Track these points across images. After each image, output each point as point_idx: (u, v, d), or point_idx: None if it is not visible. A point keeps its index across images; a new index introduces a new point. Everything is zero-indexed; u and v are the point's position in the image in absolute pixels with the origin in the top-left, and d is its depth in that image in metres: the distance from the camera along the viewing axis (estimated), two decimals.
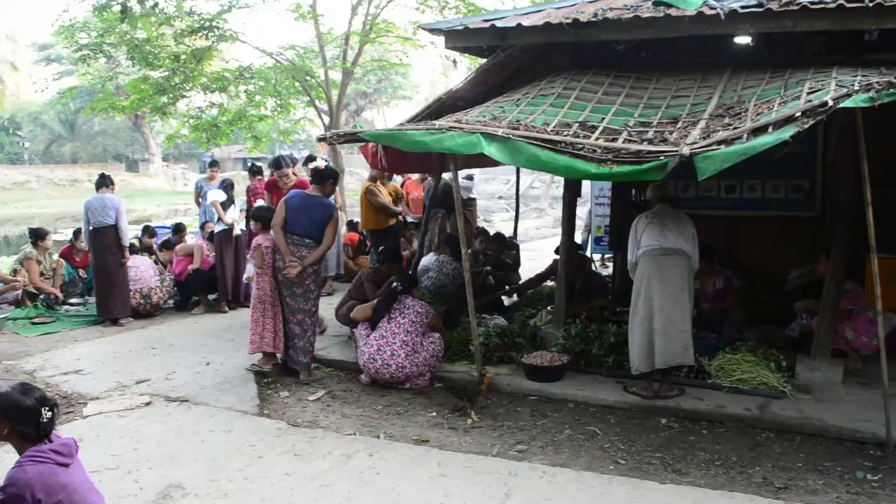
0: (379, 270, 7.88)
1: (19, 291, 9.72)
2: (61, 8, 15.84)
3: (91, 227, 8.99)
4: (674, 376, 6.07)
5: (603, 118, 5.96)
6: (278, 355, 6.96)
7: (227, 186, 10.11)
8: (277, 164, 9.41)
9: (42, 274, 9.92)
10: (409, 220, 10.74)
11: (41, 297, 9.77)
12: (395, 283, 6.66)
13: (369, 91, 48.76)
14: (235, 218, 9.63)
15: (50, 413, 3.33)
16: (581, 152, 5.24)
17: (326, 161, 10.45)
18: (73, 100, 29.24)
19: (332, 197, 7.64)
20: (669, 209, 6.07)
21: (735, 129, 4.98)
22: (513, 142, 5.41)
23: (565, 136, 5.52)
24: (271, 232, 6.81)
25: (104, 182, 9.27)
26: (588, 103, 6.30)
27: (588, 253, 10.92)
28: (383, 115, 54.14)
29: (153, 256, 10.49)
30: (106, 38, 14.78)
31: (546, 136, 5.45)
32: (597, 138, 5.46)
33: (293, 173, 9.48)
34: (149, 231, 11.51)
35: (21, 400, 3.28)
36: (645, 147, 5.17)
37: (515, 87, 7.07)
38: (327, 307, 8.32)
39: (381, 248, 8.54)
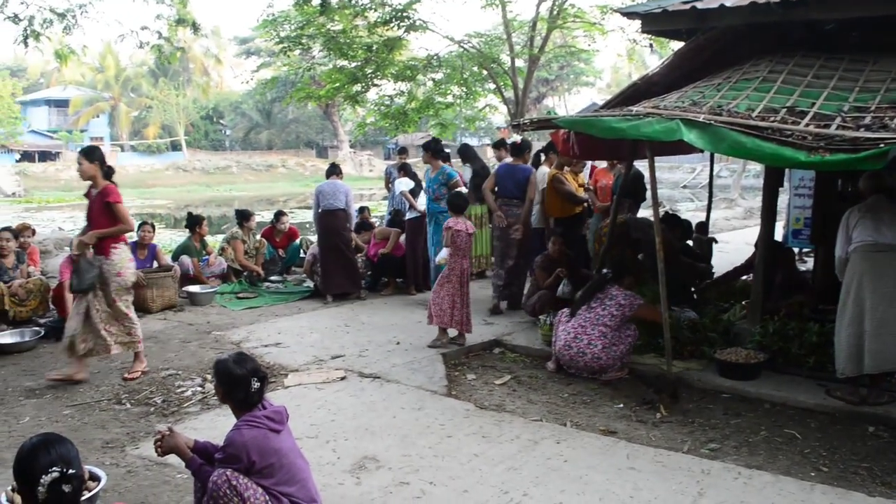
0: (547, 256, 7.87)
1: (225, 266, 10.46)
2: (266, 3, 16.82)
3: (321, 210, 9.53)
4: (885, 382, 5.63)
5: (813, 103, 5.59)
6: (467, 334, 7.31)
7: (409, 173, 10.39)
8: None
9: (246, 252, 10.64)
10: None
11: (245, 274, 10.48)
12: (605, 271, 6.56)
13: (551, 78, 48.51)
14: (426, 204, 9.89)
15: (258, 384, 3.56)
16: (789, 139, 4.96)
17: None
18: (270, 90, 31.14)
19: None
20: (886, 201, 5.59)
21: None
22: (714, 128, 5.19)
23: (772, 121, 5.25)
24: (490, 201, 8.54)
25: (334, 170, 9.98)
26: (796, 87, 5.93)
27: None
28: (564, 101, 53.69)
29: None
30: (305, 31, 15.56)
31: (751, 122, 5.20)
32: (807, 124, 5.15)
33: None
34: None
35: (233, 369, 3.55)
36: (862, 134, 4.83)
37: (714, 72, 6.78)
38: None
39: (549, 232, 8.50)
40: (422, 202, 9.85)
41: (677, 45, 8.04)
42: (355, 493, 4.27)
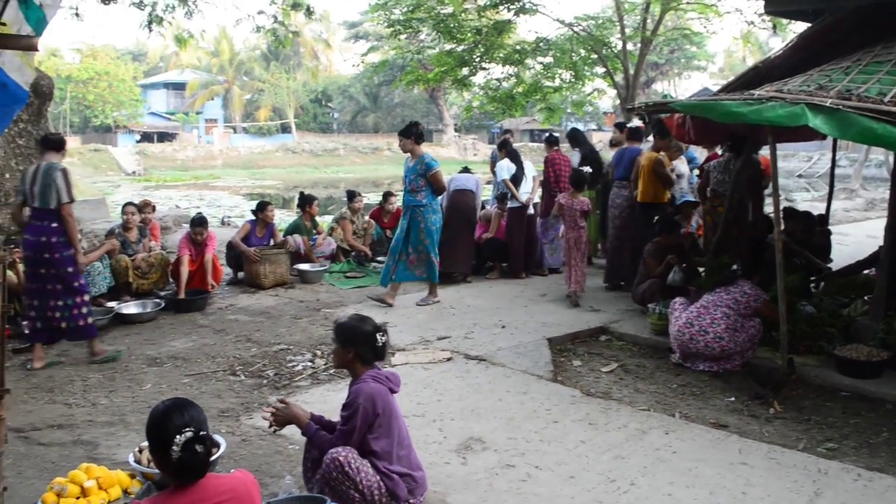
0: (659, 243, 7.68)
1: (334, 246, 10.67)
2: None
3: (454, 189, 9.85)
4: None
5: None
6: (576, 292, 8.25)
7: (510, 151, 10.26)
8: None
9: (355, 233, 10.84)
10: (690, 198, 10.22)
11: (353, 253, 10.68)
12: (734, 267, 6.37)
13: (661, 62, 47.30)
14: (528, 193, 9.79)
15: (384, 338, 3.70)
16: None
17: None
18: (379, 73, 31.61)
19: None
20: None
21: None
22: (843, 113, 4.95)
23: None
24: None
25: (467, 170, 10.72)
26: None
27: None
28: (674, 86, 52.26)
29: None
30: (415, 14, 15.65)
31: (883, 108, 4.93)
32: None
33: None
34: None
35: (360, 326, 3.71)
36: None
37: (841, 54, 6.45)
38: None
39: (655, 218, 8.29)
40: (524, 191, 9.74)
41: (799, 27, 7.70)
42: (461, 473, 4.31)
